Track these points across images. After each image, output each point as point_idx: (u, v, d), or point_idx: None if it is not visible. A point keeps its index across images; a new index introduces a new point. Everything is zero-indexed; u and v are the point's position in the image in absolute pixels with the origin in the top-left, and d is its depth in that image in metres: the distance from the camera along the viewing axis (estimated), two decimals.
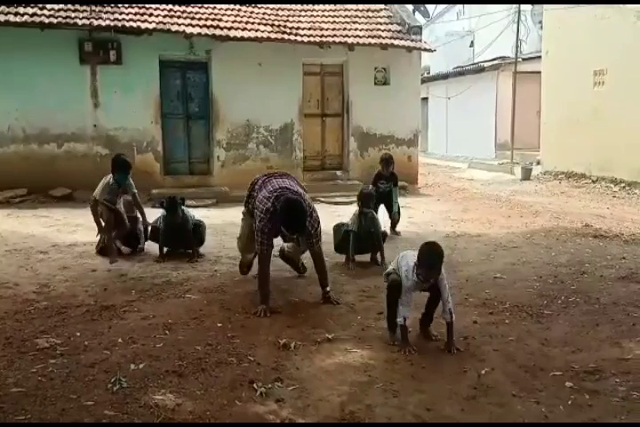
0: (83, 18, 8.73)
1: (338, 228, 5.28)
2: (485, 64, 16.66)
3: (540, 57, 13.65)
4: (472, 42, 20.12)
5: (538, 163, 13.49)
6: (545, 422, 2.47)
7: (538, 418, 2.50)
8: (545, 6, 13.42)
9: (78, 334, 3.48)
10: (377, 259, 5.18)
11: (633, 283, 4.49)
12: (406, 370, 2.99)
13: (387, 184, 6.64)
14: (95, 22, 8.70)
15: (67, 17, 8.68)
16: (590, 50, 11.26)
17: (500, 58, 16.45)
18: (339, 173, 10.72)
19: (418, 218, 7.73)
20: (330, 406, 2.60)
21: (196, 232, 5.50)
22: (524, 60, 15.05)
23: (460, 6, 21.40)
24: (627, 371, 2.95)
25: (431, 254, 3.18)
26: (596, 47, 11.12)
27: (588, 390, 2.74)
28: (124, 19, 8.94)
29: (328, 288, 4.07)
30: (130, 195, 5.59)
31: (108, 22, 8.78)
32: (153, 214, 5.81)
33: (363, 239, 5.11)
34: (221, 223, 7.20)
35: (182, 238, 5.41)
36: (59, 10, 8.79)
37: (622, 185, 10.44)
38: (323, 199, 9.12)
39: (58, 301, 4.13)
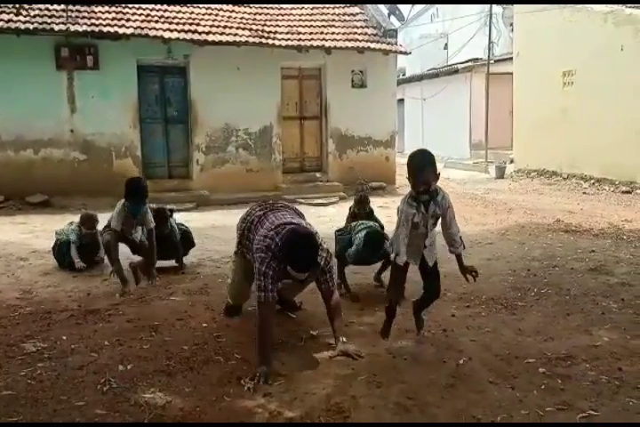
0: (59, 23, 8.71)
1: (341, 234, 4.55)
2: (459, 66, 16.98)
3: (511, 58, 13.97)
4: (446, 44, 20.46)
5: (511, 161, 13.81)
6: (520, 406, 2.60)
7: (513, 402, 2.64)
8: (515, 9, 13.76)
9: (64, 337, 3.52)
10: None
11: (602, 274, 4.70)
12: (388, 362, 3.10)
13: None
14: (72, 27, 8.69)
15: (43, 22, 8.65)
16: (559, 51, 11.59)
17: (473, 60, 16.78)
18: (318, 174, 10.83)
19: (395, 217, 7.88)
20: (316, 399, 2.70)
21: (186, 240, 5.27)
22: (496, 61, 15.37)
23: (433, 9, 21.74)
24: (596, 357, 3.10)
25: (415, 160, 2.96)
26: (564, 49, 11.45)
27: (560, 375, 2.88)
28: (100, 24, 8.93)
29: (344, 339, 3.24)
30: (145, 230, 4.57)
31: (84, 27, 8.77)
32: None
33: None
34: (203, 227, 7.25)
35: (168, 250, 5.05)
36: (35, 15, 8.75)
37: (592, 182, 10.79)
38: (302, 201, 9.23)
39: (42, 306, 4.15)
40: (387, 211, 8.25)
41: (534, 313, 3.84)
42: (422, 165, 2.94)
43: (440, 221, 3.11)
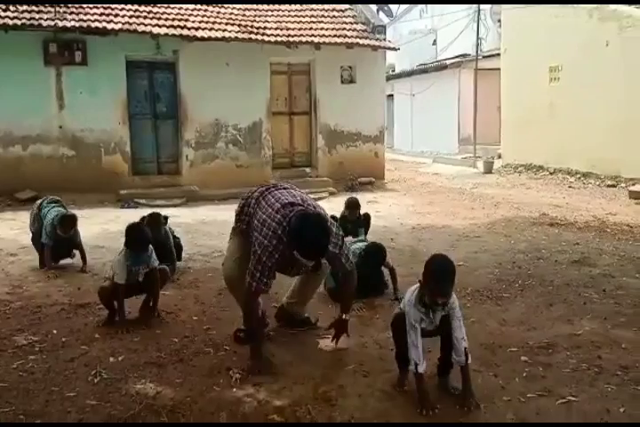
0: (47, 19, 8.66)
1: None
2: (447, 62, 17.06)
3: (499, 54, 14.07)
4: (435, 40, 20.52)
5: (499, 156, 13.94)
6: (502, 392, 2.68)
7: (495, 389, 2.71)
8: (503, 6, 13.85)
9: (55, 331, 3.55)
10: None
11: (585, 266, 4.80)
12: (375, 352, 3.17)
13: (354, 230, 4.95)
14: (60, 23, 8.65)
15: (31, 18, 8.60)
16: (546, 47, 11.69)
17: (462, 55, 16.85)
18: (307, 170, 10.88)
19: (385, 212, 7.96)
20: (304, 388, 2.76)
21: (178, 248, 5.07)
22: (484, 57, 15.44)
23: (422, 5, 21.79)
24: (577, 345, 3.19)
25: (439, 265, 2.61)
26: (551, 44, 11.56)
27: (542, 363, 2.97)
28: (89, 19, 8.89)
29: (347, 316, 3.18)
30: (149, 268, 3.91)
31: (73, 23, 8.73)
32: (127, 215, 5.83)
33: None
34: (192, 222, 7.29)
35: (162, 257, 4.50)
36: (23, 11, 8.70)
37: (577, 176, 10.94)
38: None
39: (32, 300, 4.17)
40: (376, 205, 8.38)
41: (518, 304, 3.93)
42: (448, 273, 2.55)
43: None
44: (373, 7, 12.49)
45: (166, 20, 9.46)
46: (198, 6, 10.17)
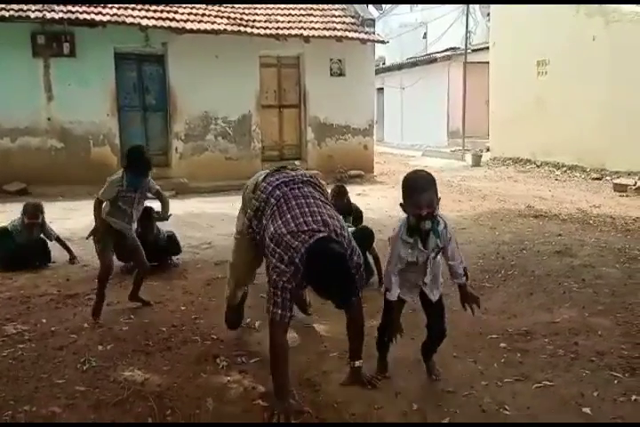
0: (35, 10, 8.59)
1: None
2: (437, 55, 17.11)
3: (488, 48, 14.14)
4: (425, 33, 20.55)
5: (487, 150, 14.05)
6: (480, 378, 2.76)
7: (474, 375, 2.80)
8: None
9: (44, 320, 3.60)
10: None
11: (566, 257, 4.91)
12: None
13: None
14: (48, 15, 8.58)
15: (19, 10, 8.52)
16: (534, 41, 11.77)
17: (451, 49, 16.91)
18: (297, 162, 10.89)
19: (374, 204, 8.03)
20: (289, 374, 2.83)
21: (172, 243, 4.92)
22: (473, 51, 15.52)
23: None
24: (555, 332, 3.29)
25: (415, 176, 2.47)
26: (539, 38, 11.64)
27: (520, 350, 3.06)
28: (77, 11, 8.83)
29: (359, 363, 2.73)
30: (152, 193, 3.88)
31: (61, 15, 8.66)
32: None
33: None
34: (182, 214, 7.29)
35: (153, 253, 4.40)
36: (10, 2, 8.62)
37: (564, 169, 11.08)
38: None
39: (21, 291, 4.21)
40: (365, 199, 8.43)
41: (500, 293, 4.02)
42: (425, 183, 2.41)
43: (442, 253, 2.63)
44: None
45: (155, 11, 9.42)
46: None
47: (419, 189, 2.40)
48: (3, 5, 8.50)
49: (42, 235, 5.00)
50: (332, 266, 2.40)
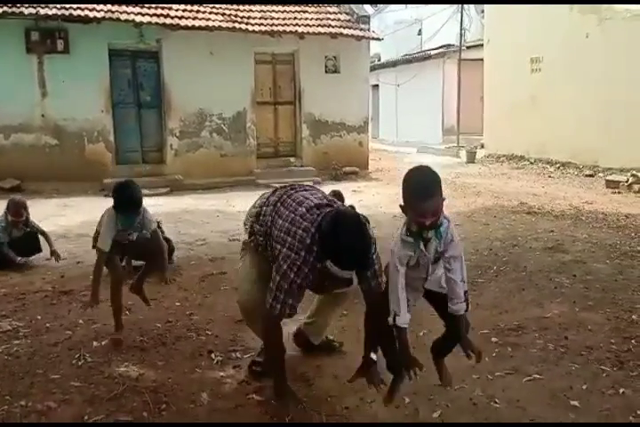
0: (29, 7, 8.55)
1: None
2: (432, 52, 17.12)
3: (482, 45, 14.17)
4: (420, 30, 20.55)
5: (482, 146, 14.10)
6: (472, 371, 2.80)
7: (466, 369, 2.83)
8: None
9: (39, 317, 3.61)
10: None
11: (558, 252, 4.96)
12: (354, 335, 3.24)
13: None
14: (42, 11, 8.56)
15: (12, 6, 8.48)
16: (527, 38, 11.81)
17: (446, 46, 16.92)
18: (292, 159, 10.93)
19: (368, 201, 8.07)
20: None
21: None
22: (467, 48, 15.54)
23: None
24: (546, 327, 3.33)
25: (418, 176, 2.12)
26: (533, 35, 11.68)
27: (511, 344, 3.10)
28: (71, 7, 8.80)
29: (374, 356, 2.47)
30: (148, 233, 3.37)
31: (55, 11, 8.64)
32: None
33: None
34: (177, 211, 7.34)
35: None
36: None
37: (557, 166, 11.15)
38: (277, 186, 9.33)
39: (16, 288, 4.22)
40: (360, 195, 8.48)
41: (492, 289, 4.06)
42: (429, 186, 2.07)
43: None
44: None
45: (149, 8, 9.40)
46: None
47: (422, 196, 2.05)
48: None
49: (28, 228, 4.97)
50: (348, 225, 2.24)
